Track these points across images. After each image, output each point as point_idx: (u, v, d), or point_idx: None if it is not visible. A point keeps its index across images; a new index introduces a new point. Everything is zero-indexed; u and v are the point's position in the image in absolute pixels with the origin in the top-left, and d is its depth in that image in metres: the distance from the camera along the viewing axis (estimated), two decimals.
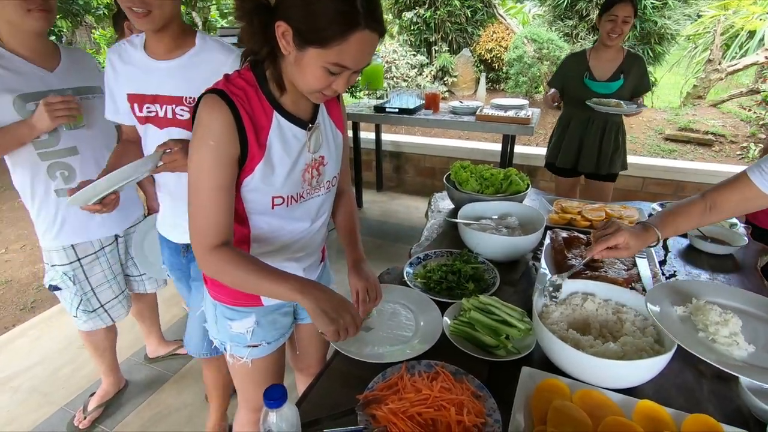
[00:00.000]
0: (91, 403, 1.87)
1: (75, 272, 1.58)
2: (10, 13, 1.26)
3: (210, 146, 0.81)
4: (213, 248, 0.85)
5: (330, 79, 0.79)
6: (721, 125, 4.84)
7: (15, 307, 2.81)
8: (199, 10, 5.58)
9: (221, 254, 0.85)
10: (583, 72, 2.33)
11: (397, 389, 0.84)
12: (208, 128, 0.80)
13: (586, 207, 1.61)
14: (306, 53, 0.75)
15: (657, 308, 0.90)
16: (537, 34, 5.64)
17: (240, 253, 0.87)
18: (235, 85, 0.84)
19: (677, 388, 0.89)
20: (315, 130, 0.93)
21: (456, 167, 1.74)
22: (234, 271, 0.84)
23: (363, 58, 0.77)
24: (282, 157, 0.88)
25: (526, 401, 0.81)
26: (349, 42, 0.73)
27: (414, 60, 6.61)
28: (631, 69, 2.28)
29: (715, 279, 1.29)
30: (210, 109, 0.80)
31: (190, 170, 0.84)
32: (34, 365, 2.20)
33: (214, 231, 0.85)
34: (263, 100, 0.86)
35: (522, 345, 0.97)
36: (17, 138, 1.32)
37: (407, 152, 4.25)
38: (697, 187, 3.32)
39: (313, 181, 0.96)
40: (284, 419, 0.65)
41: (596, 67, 2.31)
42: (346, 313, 0.84)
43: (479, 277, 1.24)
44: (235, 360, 1.09)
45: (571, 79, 2.37)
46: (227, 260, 0.84)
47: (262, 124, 0.85)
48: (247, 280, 0.85)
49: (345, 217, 1.15)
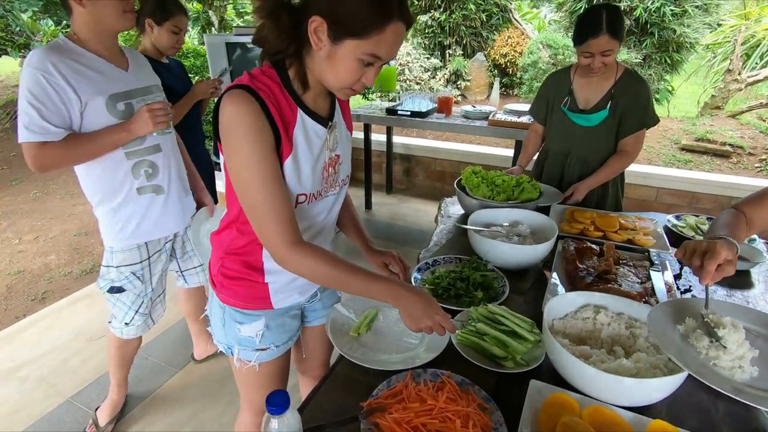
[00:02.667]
0: (100, 417, 1.79)
1: (143, 271, 1.56)
2: (110, 14, 1.27)
3: (251, 141, 0.79)
4: (294, 244, 0.84)
5: (361, 72, 0.80)
6: (739, 136, 4.75)
7: (26, 297, 2.85)
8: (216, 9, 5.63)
9: (306, 250, 0.85)
10: (563, 96, 1.82)
11: (401, 398, 0.82)
12: (242, 124, 0.79)
13: (598, 216, 1.58)
14: (342, 46, 0.77)
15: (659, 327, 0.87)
16: (553, 39, 5.60)
17: (320, 248, 0.87)
18: (260, 81, 0.83)
19: (691, 408, 0.87)
20: (334, 128, 0.94)
21: (467, 172, 1.72)
22: (324, 267, 0.84)
23: (395, 49, 0.80)
24: (306, 153, 0.89)
25: (533, 416, 0.79)
26: (386, 32, 0.75)
27: (427, 63, 6.60)
28: (624, 96, 1.70)
29: (732, 295, 1.26)
30: (239, 104, 0.79)
31: (236, 173, 0.82)
32: (43, 356, 2.22)
33: (290, 226, 0.84)
34: (288, 97, 0.86)
35: (530, 357, 0.95)
36: (114, 142, 1.34)
37: (418, 155, 4.24)
38: (713, 199, 3.26)
39: (330, 179, 0.97)
40: (286, 425, 0.64)
41: (580, 92, 1.79)
42: (435, 315, 0.85)
43: (488, 285, 1.22)
44: (242, 364, 1.07)
45: (552, 104, 1.87)
46: (313, 256, 0.85)
47: (289, 120, 0.86)
48: (336, 277, 0.85)
49: (344, 209, 1.17)
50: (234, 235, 0.97)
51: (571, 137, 1.83)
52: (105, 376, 2.06)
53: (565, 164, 1.89)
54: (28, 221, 3.93)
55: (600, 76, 1.72)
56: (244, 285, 1.00)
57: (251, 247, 0.97)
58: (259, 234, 0.86)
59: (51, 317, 2.53)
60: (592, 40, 1.57)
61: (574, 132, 1.81)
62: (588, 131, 1.78)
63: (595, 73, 1.67)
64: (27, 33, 5.92)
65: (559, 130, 1.86)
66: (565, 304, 1.02)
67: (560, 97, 1.83)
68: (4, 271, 3.15)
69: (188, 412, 1.88)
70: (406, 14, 0.77)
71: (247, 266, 0.98)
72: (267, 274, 0.99)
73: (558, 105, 1.84)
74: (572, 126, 1.81)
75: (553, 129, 1.90)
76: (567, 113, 1.81)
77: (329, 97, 0.95)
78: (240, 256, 0.98)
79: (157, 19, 1.90)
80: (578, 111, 1.79)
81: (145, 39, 1.96)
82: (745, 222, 0.98)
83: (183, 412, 1.88)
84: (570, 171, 1.88)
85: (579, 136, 1.81)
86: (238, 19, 6.77)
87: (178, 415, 1.87)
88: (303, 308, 1.17)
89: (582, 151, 1.83)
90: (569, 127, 1.82)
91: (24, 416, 1.88)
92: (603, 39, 1.56)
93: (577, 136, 1.81)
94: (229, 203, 0.96)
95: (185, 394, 1.97)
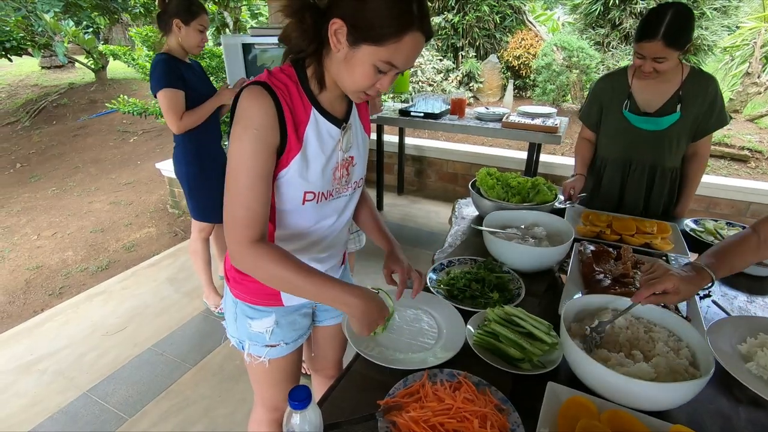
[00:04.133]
0: None
1: None
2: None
3: (253, 134, 0.81)
4: (251, 242, 0.84)
5: (376, 78, 0.81)
6: (758, 141, 4.65)
7: (44, 292, 2.91)
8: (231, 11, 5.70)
9: (260, 249, 0.84)
10: (622, 99, 1.68)
11: (418, 397, 0.82)
12: (251, 117, 0.81)
13: (615, 219, 1.56)
14: (359, 50, 0.78)
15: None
16: (567, 41, 5.55)
17: (279, 249, 0.86)
18: (278, 79, 0.85)
19: (712, 414, 0.85)
20: (348, 129, 0.95)
21: (482, 174, 1.71)
22: (274, 269, 0.83)
23: (411, 59, 0.80)
24: (317, 152, 0.90)
25: (551, 418, 0.78)
26: (403, 42, 0.76)
27: (440, 65, 6.59)
28: (694, 96, 1.58)
29: (753, 302, 1.24)
30: (253, 98, 0.81)
31: (230, 158, 0.84)
32: (61, 349, 2.27)
33: (253, 223, 0.84)
34: (303, 95, 0.88)
35: (547, 359, 0.95)
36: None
37: (430, 157, 4.24)
38: (731, 204, 3.20)
39: (342, 180, 0.98)
40: (307, 421, 0.64)
41: (641, 94, 1.65)
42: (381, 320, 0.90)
43: (504, 287, 1.22)
44: (252, 359, 1.09)
45: (608, 108, 1.74)
46: (267, 256, 0.83)
47: (301, 119, 0.87)
48: (287, 280, 0.83)
49: (367, 212, 1.18)
50: None
51: (635, 143, 1.69)
52: (120, 371, 2.10)
53: (627, 172, 1.75)
54: (47, 217, 4.01)
55: (662, 78, 1.59)
56: (256, 281, 1.00)
57: None
58: (225, 223, 0.86)
59: (68, 312, 2.58)
60: (646, 42, 1.46)
61: (637, 137, 1.68)
62: (655, 136, 1.65)
63: (646, 77, 1.58)
64: (49, 33, 6.05)
65: (619, 136, 1.72)
66: (583, 307, 1.01)
67: (618, 100, 1.70)
68: (23, 266, 3.22)
69: (200, 409, 1.90)
70: (425, 26, 0.78)
71: None
72: None
73: (615, 109, 1.70)
74: (635, 131, 1.67)
75: (610, 135, 1.76)
76: (629, 117, 1.67)
77: (346, 99, 0.96)
78: None
79: (184, 19, 1.94)
80: (642, 114, 1.65)
81: (171, 39, 2.00)
82: (758, 242, 0.97)
83: (195, 408, 1.90)
84: (633, 179, 1.75)
85: (643, 142, 1.67)
86: (252, 20, 6.84)
87: (190, 411, 1.89)
88: (314, 307, 1.18)
89: (647, 157, 1.70)
90: (632, 132, 1.68)
91: (42, 409, 1.91)
92: (657, 45, 1.45)
93: (640, 141, 1.68)
94: None
95: (198, 391, 1.99)
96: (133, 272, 3.01)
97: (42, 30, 5.72)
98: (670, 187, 1.75)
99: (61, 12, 5.50)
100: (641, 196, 1.76)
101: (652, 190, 1.75)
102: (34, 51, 6.17)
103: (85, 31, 6.52)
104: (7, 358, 2.23)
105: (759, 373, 0.91)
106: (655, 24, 1.44)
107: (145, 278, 2.92)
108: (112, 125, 6.61)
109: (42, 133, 6.51)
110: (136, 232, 3.71)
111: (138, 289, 2.80)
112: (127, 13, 6.85)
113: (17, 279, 3.06)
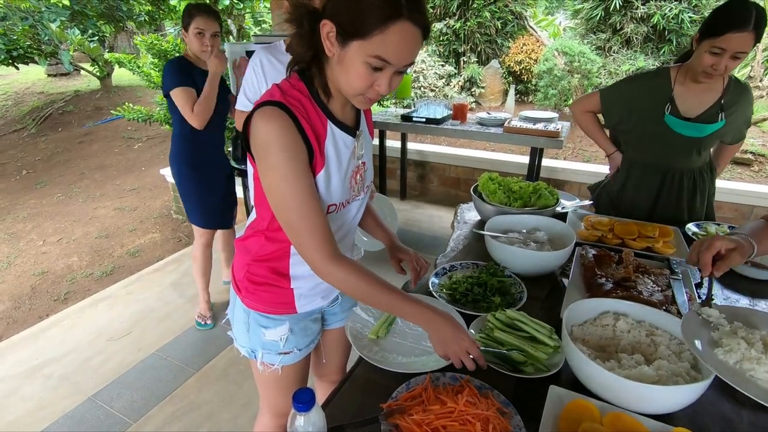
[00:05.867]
0: None
1: None
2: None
3: (286, 157, 0.80)
4: (330, 258, 0.85)
5: (373, 77, 0.78)
6: (761, 144, 4.65)
7: (49, 297, 2.94)
8: (235, 18, 5.76)
9: (345, 264, 0.86)
10: (662, 103, 1.58)
11: (421, 400, 0.83)
12: (278, 141, 0.79)
13: (617, 223, 1.57)
14: (349, 49, 0.76)
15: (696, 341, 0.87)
16: (568, 46, 5.57)
17: (358, 264, 0.88)
18: (292, 97, 0.84)
19: (714, 417, 0.85)
20: (360, 136, 0.95)
21: (484, 179, 1.72)
22: (359, 283, 0.86)
23: (404, 52, 0.76)
24: (337, 165, 0.90)
25: (553, 421, 0.79)
26: (389, 32, 0.72)
27: (442, 70, 6.62)
28: (735, 106, 1.56)
29: (755, 305, 1.24)
30: (273, 121, 0.79)
31: (275, 191, 0.83)
32: (66, 354, 2.28)
33: (323, 240, 0.84)
34: (318, 110, 0.87)
35: (549, 363, 0.95)
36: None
37: (432, 161, 4.25)
38: (734, 207, 3.19)
39: (357, 187, 0.99)
40: (311, 423, 0.65)
41: (682, 98, 1.57)
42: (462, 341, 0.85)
43: (506, 291, 1.22)
44: (265, 368, 1.09)
45: (643, 111, 1.63)
46: (351, 271, 0.86)
47: (320, 133, 0.86)
48: (371, 295, 0.87)
49: (366, 210, 1.18)
50: (262, 243, 0.99)
51: (673, 149, 1.63)
52: (124, 375, 2.11)
53: (665, 179, 1.69)
54: (52, 223, 4.05)
55: (707, 86, 1.54)
56: (271, 290, 1.02)
57: (279, 254, 0.99)
58: (298, 248, 0.87)
59: (73, 317, 2.60)
60: (735, 33, 1.34)
61: (675, 143, 1.61)
62: (693, 143, 1.60)
63: (711, 77, 1.47)
64: (55, 41, 6.13)
65: (654, 141, 1.64)
66: (585, 310, 1.02)
67: (657, 104, 1.59)
68: (28, 271, 3.25)
69: (204, 413, 1.91)
70: (415, 14, 0.73)
71: (274, 272, 1.00)
72: (293, 279, 1.01)
73: (653, 114, 1.60)
74: (674, 136, 1.59)
75: (644, 139, 1.67)
76: (670, 122, 1.58)
77: (354, 105, 0.95)
78: (267, 262, 1.00)
79: (184, 25, 1.98)
80: (684, 119, 1.57)
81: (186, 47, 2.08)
82: None
83: (199, 413, 1.91)
84: (669, 187, 1.69)
85: (681, 148, 1.62)
86: (255, 27, 6.91)
87: (194, 415, 1.90)
88: (323, 312, 1.19)
89: (683, 163, 1.66)
90: (670, 138, 1.60)
91: (48, 413, 1.93)
92: (747, 37, 1.34)
93: (678, 147, 1.62)
94: (258, 212, 0.98)
95: (202, 395, 2.00)
96: (137, 277, 3.03)
97: (48, 38, 5.79)
98: (708, 194, 1.76)
99: (68, 20, 5.57)
100: (681, 200, 1.71)
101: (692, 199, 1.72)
102: (40, 59, 6.25)
103: (90, 40, 6.58)
104: (13, 362, 2.24)
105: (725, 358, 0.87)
106: (745, 15, 1.33)
107: (150, 283, 2.94)
108: (117, 132, 6.67)
109: (48, 139, 6.58)
110: (141, 237, 3.74)
111: (142, 294, 2.82)
112: (132, 21, 6.94)
113: (23, 284, 3.08)
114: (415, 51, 0.77)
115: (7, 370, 2.19)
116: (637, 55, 5.75)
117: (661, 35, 5.61)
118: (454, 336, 0.85)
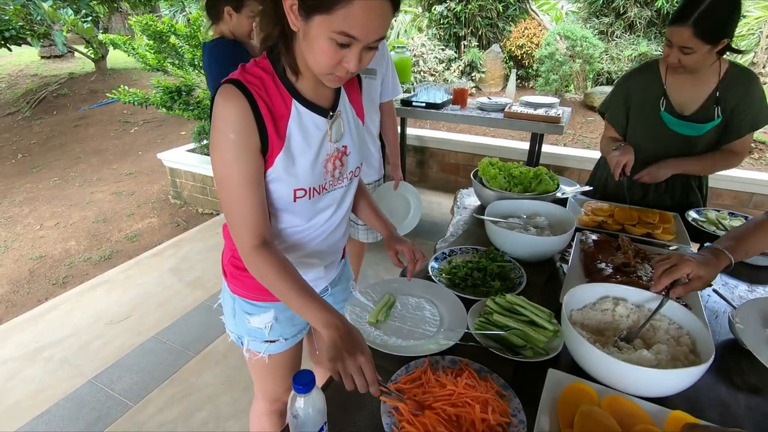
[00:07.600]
0: None
1: None
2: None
3: (230, 139, 0.78)
4: (253, 248, 0.83)
5: (339, 54, 0.73)
6: (762, 132, 4.62)
7: (48, 281, 2.94)
8: None
9: (263, 256, 0.83)
10: (656, 98, 1.53)
11: (420, 383, 0.83)
12: (226, 120, 0.78)
13: (617, 209, 1.56)
14: (312, 23, 0.71)
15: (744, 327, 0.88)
16: (571, 31, 5.49)
17: (280, 258, 0.85)
18: (252, 74, 0.81)
19: (711, 401, 0.86)
20: (336, 118, 0.90)
21: (484, 164, 1.71)
22: (271, 277, 0.83)
23: (371, 26, 0.70)
24: (303, 147, 0.86)
25: (552, 404, 0.79)
26: (354, 6, 0.67)
27: (442, 54, 6.53)
28: (733, 96, 1.44)
29: (754, 290, 1.24)
30: (226, 100, 0.78)
31: (214, 168, 0.83)
32: (66, 338, 2.29)
33: (251, 230, 0.83)
34: (281, 88, 0.83)
35: (549, 347, 0.96)
36: None
37: (431, 147, 4.22)
38: (733, 195, 3.19)
39: (336, 172, 0.94)
40: (311, 404, 0.65)
41: (676, 94, 1.50)
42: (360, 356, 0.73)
43: (505, 276, 1.22)
44: (251, 355, 1.08)
45: (639, 108, 1.58)
46: (268, 264, 0.83)
47: (281, 113, 0.83)
48: (280, 290, 0.84)
49: (362, 198, 1.16)
50: None
51: (669, 148, 1.56)
52: (124, 359, 2.13)
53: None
54: (49, 208, 4.03)
55: (697, 78, 1.45)
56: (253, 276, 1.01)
57: None
58: (230, 230, 0.87)
59: (72, 301, 2.61)
60: (674, 27, 1.32)
61: (672, 141, 1.54)
62: (690, 141, 1.53)
63: (673, 70, 1.44)
64: (48, 22, 6.00)
65: (652, 138, 1.58)
66: (584, 295, 1.02)
67: (651, 99, 1.54)
68: (26, 255, 3.24)
69: (204, 396, 1.93)
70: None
71: None
72: None
73: (649, 109, 1.55)
74: (670, 135, 1.53)
75: (642, 136, 1.60)
76: (666, 119, 1.52)
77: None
78: None
79: (235, 6, 1.89)
80: (679, 117, 1.51)
81: (222, 27, 1.95)
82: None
83: (199, 395, 1.93)
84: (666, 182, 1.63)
85: (677, 146, 1.55)
86: None
87: (194, 398, 1.92)
88: None
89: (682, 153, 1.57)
90: (666, 136, 1.54)
91: (48, 395, 1.94)
92: (685, 32, 1.29)
93: (675, 146, 1.55)
94: None
95: (202, 378, 2.02)
96: (136, 262, 3.02)
97: (41, 18, 5.68)
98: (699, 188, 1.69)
99: (60, 0, 5.45)
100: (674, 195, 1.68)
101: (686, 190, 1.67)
102: (33, 40, 6.13)
103: (84, 20, 6.45)
104: (14, 345, 2.25)
105: None
106: (686, 9, 1.29)
107: (148, 268, 2.94)
108: (112, 115, 6.59)
109: (43, 123, 6.50)
110: (139, 222, 3.73)
111: (141, 278, 2.82)
112: (126, 1, 6.79)
113: (21, 268, 3.08)
114: (384, 24, 0.71)
115: (8, 353, 2.20)
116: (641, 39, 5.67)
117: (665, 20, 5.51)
118: (353, 350, 0.73)
